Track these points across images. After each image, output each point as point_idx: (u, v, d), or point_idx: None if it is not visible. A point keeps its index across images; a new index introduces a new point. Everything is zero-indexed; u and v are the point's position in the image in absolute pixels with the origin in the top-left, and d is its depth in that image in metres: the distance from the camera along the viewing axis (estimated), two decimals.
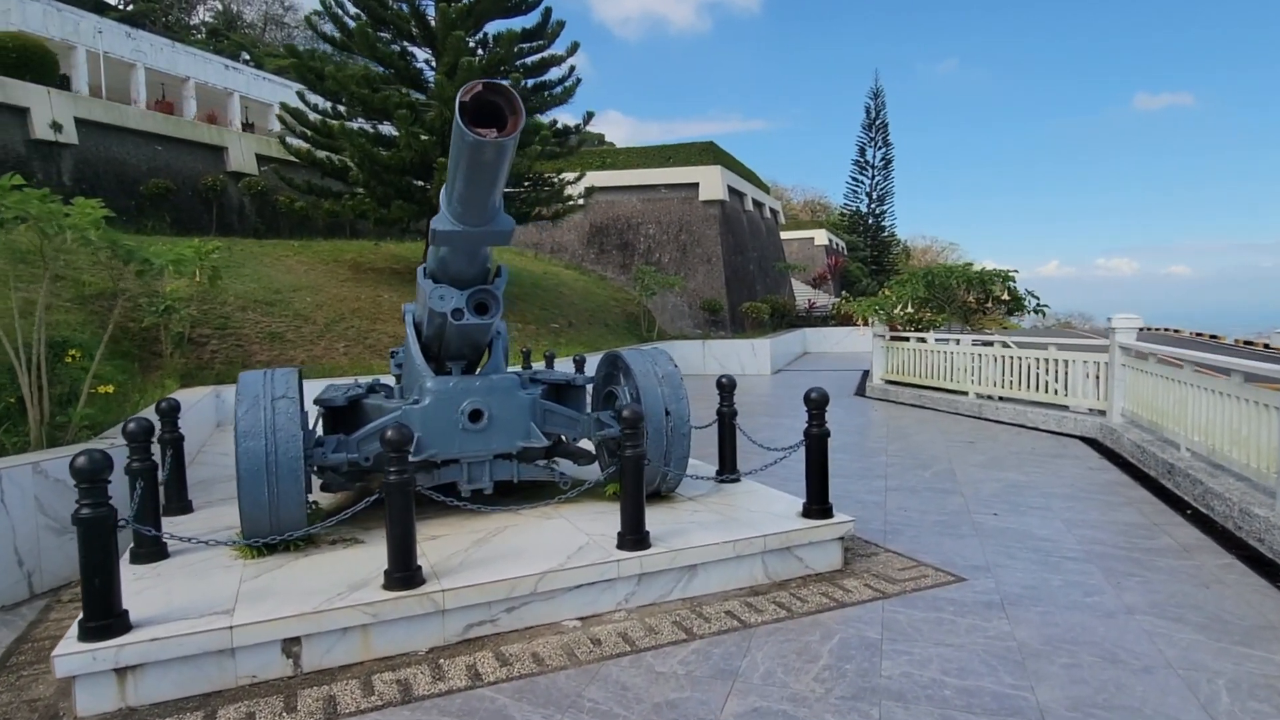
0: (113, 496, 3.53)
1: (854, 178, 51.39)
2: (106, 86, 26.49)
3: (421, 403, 5.03)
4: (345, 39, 14.15)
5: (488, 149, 3.49)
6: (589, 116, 15.28)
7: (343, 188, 15.34)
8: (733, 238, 25.52)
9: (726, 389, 6.09)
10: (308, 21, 16.20)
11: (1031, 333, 32.94)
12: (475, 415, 5.01)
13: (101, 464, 3.44)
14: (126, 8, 40.79)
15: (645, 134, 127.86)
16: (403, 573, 3.91)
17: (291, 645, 3.67)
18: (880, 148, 50.51)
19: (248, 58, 38.99)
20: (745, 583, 4.68)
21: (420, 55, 15.02)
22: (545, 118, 15.94)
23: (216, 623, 3.56)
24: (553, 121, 16.07)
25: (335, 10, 14.24)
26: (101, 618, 3.42)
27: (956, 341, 12.45)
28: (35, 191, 5.23)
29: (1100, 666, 3.57)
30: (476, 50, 14.78)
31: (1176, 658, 3.65)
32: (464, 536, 4.81)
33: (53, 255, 5.65)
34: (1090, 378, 10.01)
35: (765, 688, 3.45)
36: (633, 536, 4.44)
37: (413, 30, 14.58)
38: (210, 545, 4.16)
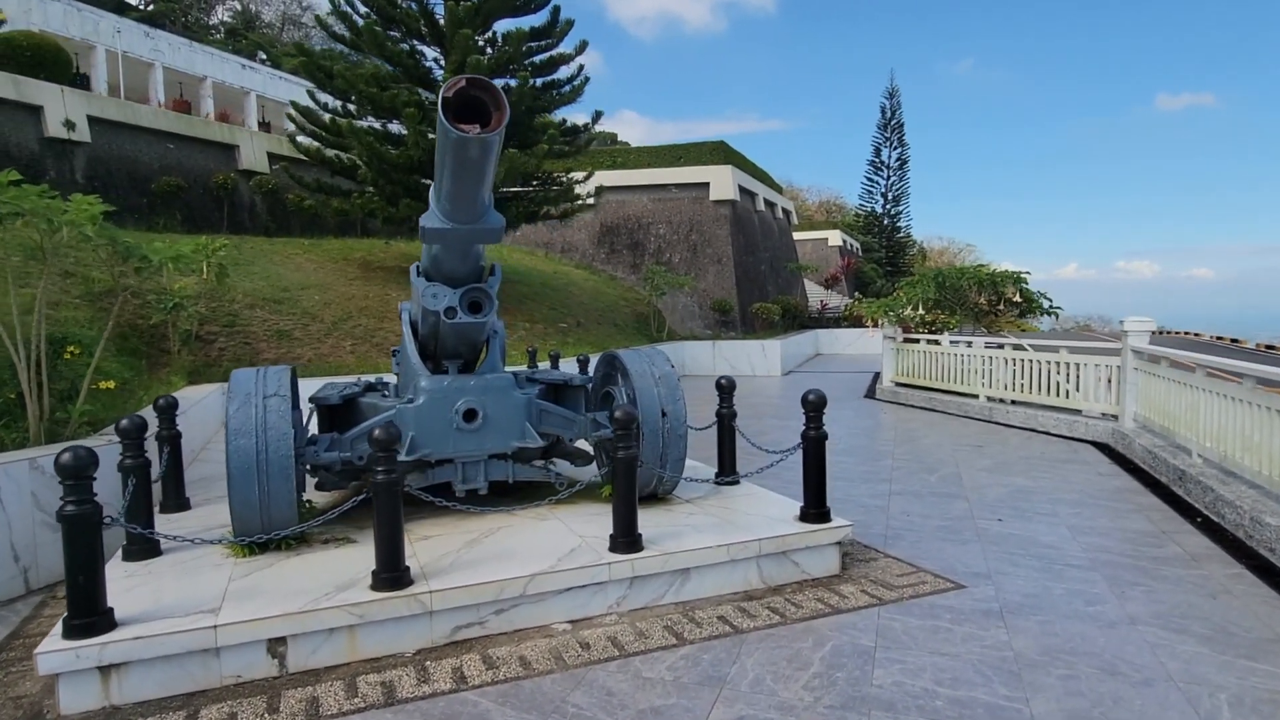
0: (98, 494, 3.53)
1: (869, 178, 51.19)
2: (125, 85, 26.79)
3: (416, 402, 5.00)
4: (355, 38, 14.19)
5: (472, 146, 3.45)
6: (597, 115, 15.25)
7: (352, 186, 15.39)
8: (744, 238, 25.41)
9: (726, 390, 6.02)
10: (318, 21, 16.26)
11: (1050, 335, 32.55)
12: (469, 415, 4.97)
13: (86, 461, 3.43)
14: (147, 8, 41.18)
15: (660, 134, 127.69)
16: (390, 573, 3.88)
17: (277, 645, 3.65)
18: (896, 148, 50.28)
19: (264, 57, 39.26)
20: (740, 587, 4.61)
21: (429, 54, 15.05)
22: (554, 117, 15.92)
23: (201, 622, 3.54)
24: (562, 120, 16.05)
25: (345, 9, 14.29)
26: (85, 615, 3.41)
27: (968, 344, 12.31)
28: (33, 188, 5.24)
29: (1098, 678, 3.47)
30: (485, 49, 14.78)
31: (1178, 670, 3.54)
32: (456, 537, 4.77)
33: (52, 251, 5.66)
34: (1102, 381, 9.85)
35: (753, 695, 3.38)
36: (625, 539, 4.38)
37: (422, 29, 14.61)
38: (196, 544, 4.14)
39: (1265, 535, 5.10)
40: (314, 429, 5.47)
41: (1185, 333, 36.37)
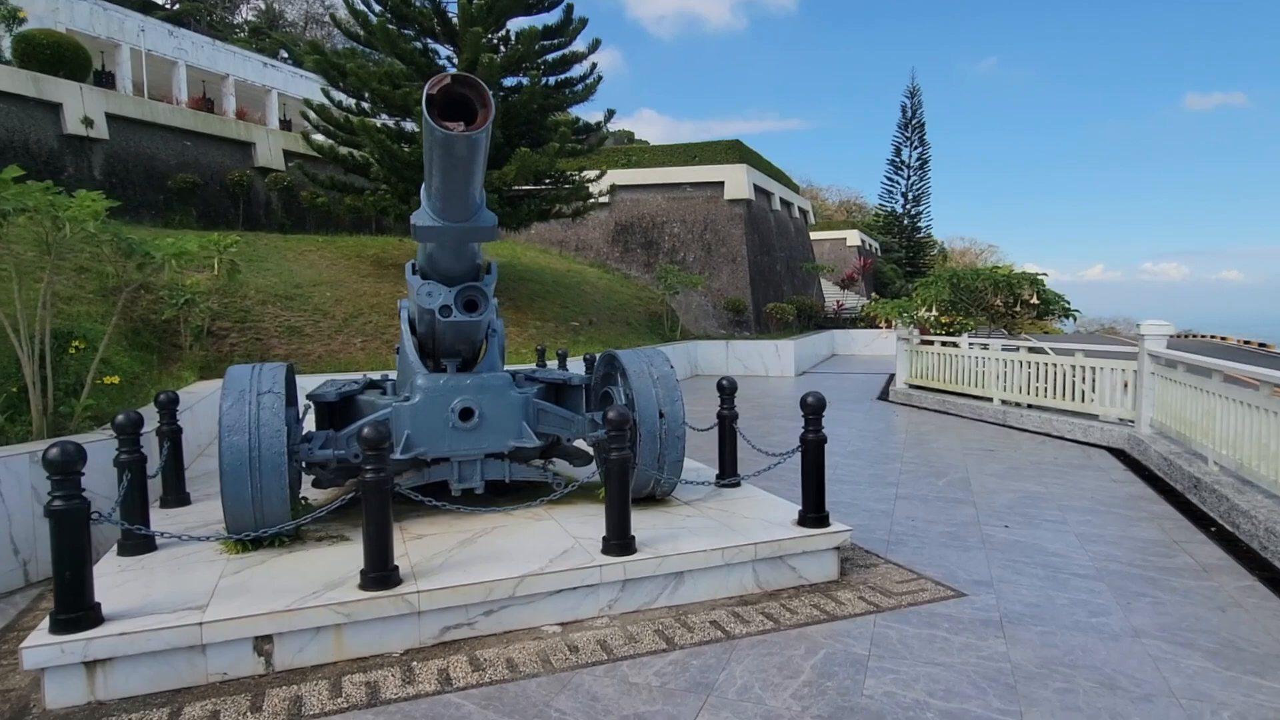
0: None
1: (889, 178, 50.79)
2: (149, 83, 27.14)
3: (412, 400, 4.98)
4: (368, 36, 14.24)
5: (459, 144, 3.41)
6: (610, 114, 15.19)
7: (365, 184, 15.46)
8: (758, 237, 25.26)
9: (727, 391, 5.96)
10: (333, 19, 16.34)
11: (1073, 338, 32.06)
12: (465, 414, 4.95)
13: (74, 456, 3.43)
14: (173, 7, 41.66)
15: (679, 133, 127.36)
16: (378, 572, 3.86)
17: (263, 643, 3.63)
18: (916, 147, 49.85)
19: (285, 55, 39.60)
20: (735, 591, 4.54)
21: (443, 52, 15.08)
22: (567, 115, 15.88)
23: (187, 618, 3.53)
24: (575, 119, 16.01)
25: (360, 8, 14.35)
26: (72, 610, 3.41)
27: (984, 346, 12.14)
28: (38, 184, 5.28)
29: (1097, 693, 3.37)
30: (499, 47, 14.78)
31: (1181, 686, 3.43)
32: (450, 536, 4.75)
33: (58, 247, 5.70)
34: (1119, 386, 9.66)
35: (740, 704, 3.32)
36: (617, 541, 4.33)
37: (435, 27, 14.63)
38: (183, 540, 4.14)
39: None
40: (313, 426, 5.47)
41: (1212, 336, 35.69)
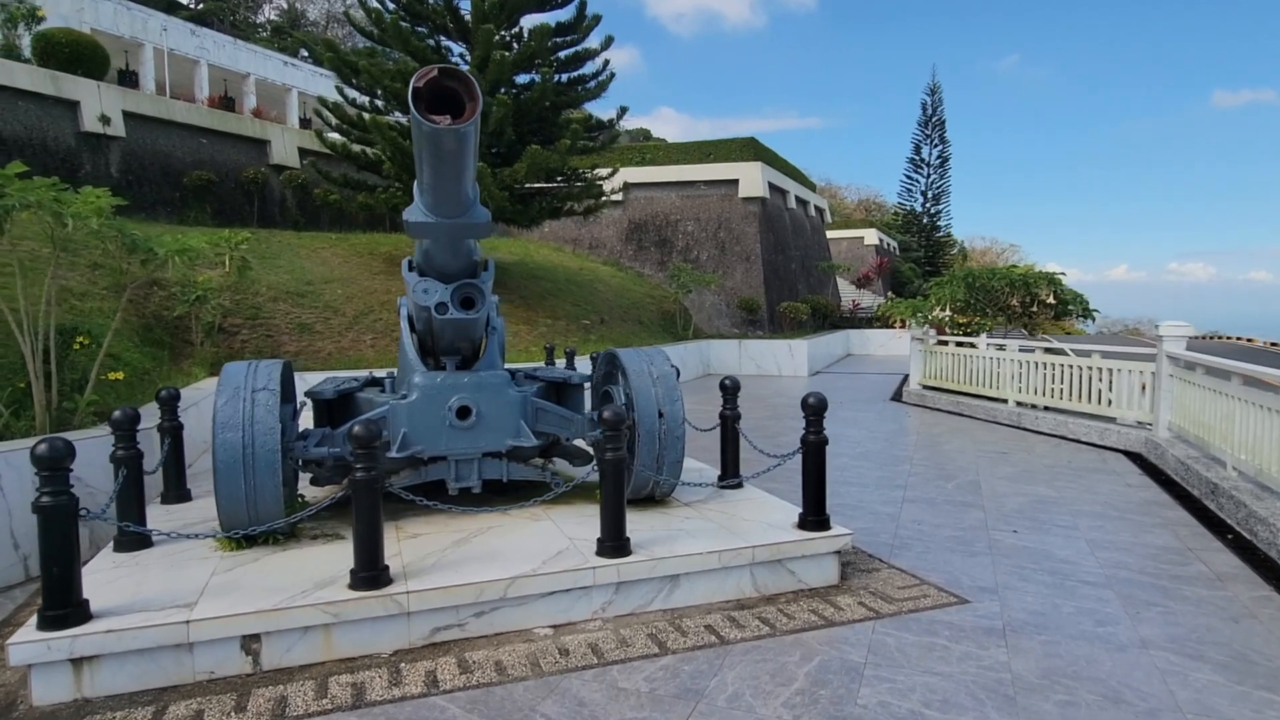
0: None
1: (908, 176, 50.24)
2: (172, 82, 27.45)
3: (409, 398, 4.94)
4: (381, 33, 14.28)
5: (447, 138, 3.36)
6: (622, 111, 15.12)
7: (378, 181, 15.50)
8: (773, 236, 25.09)
9: (730, 391, 5.87)
10: (348, 17, 16.41)
11: (1095, 339, 31.57)
12: (463, 412, 4.91)
13: (62, 452, 3.43)
14: (197, 6, 42.09)
15: (697, 131, 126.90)
16: (368, 572, 3.82)
17: (251, 642, 3.61)
18: (936, 145, 49.28)
19: (305, 54, 39.90)
20: (732, 595, 4.46)
21: (455, 49, 15.08)
22: (580, 112, 15.83)
23: (174, 616, 3.51)
24: (588, 116, 15.96)
25: (374, 5, 14.38)
26: (59, 607, 3.41)
27: (1001, 347, 11.95)
28: (44, 180, 5.30)
29: (1099, 706, 3.26)
30: (511, 44, 14.76)
31: (1188, 700, 3.31)
32: (445, 536, 4.71)
33: (64, 243, 5.72)
34: (1136, 388, 9.46)
35: (729, 711, 3.24)
36: (612, 543, 4.27)
37: (448, 25, 14.64)
38: (174, 538, 4.13)
39: None
40: (304, 424, 5.45)
41: (1237, 338, 35.00)
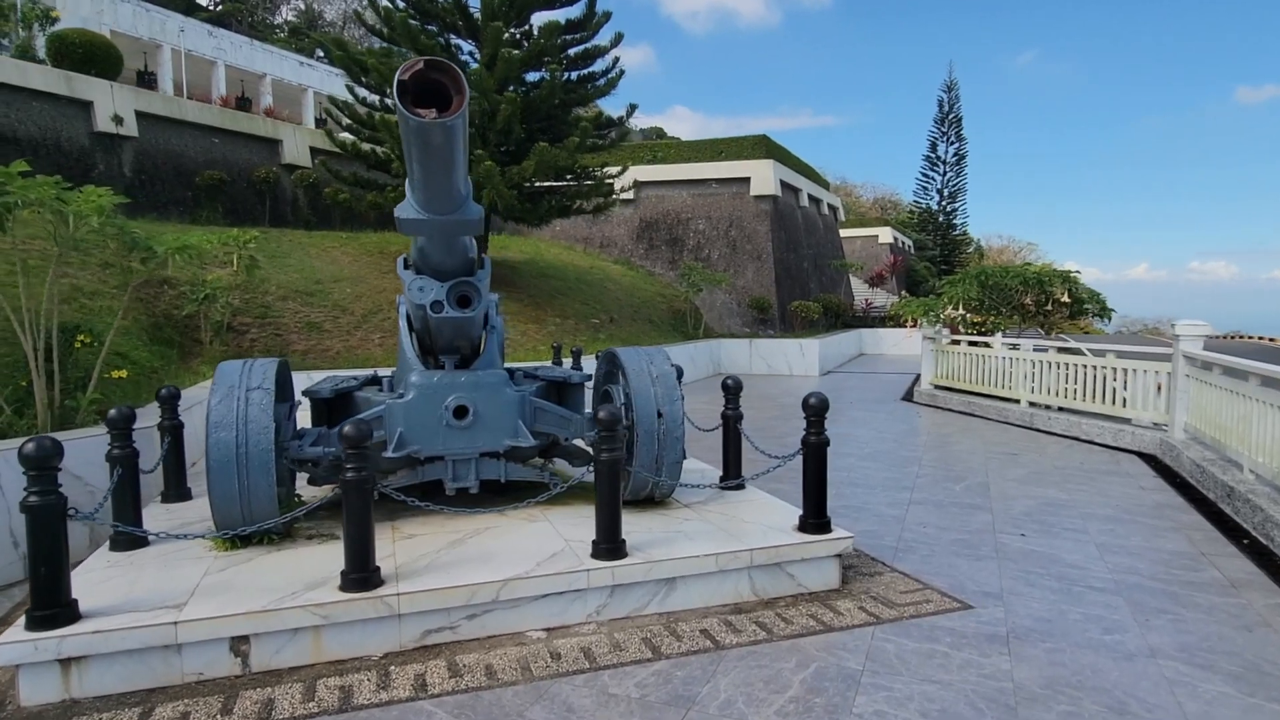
0: (62, 485, 3.49)
1: (924, 174, 49.87)
2: (189, 83, 27.69)
3: (406, 397, 4.90)
4: (390, 31, 14.28)
5: (434, 132, 3.31)
6: (632, 109, 15.05)
7: (387, 180, 15.52)
8: (785, 234, 24.93)
9: (732, 391, 5.80)
10: (358, 17, 16.45)
11: (1114, 338, 31.14)
12: (460, 412, 4.86)
13: (50, 451, 3.41)
14: (216, 8, 42.45)
15: (711, 129, 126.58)
16: (358, 574, 3.78)
17: (240, 644, 3.58)
18: (953, 143, 48.86)
19: (321, 54, 40.12)
20: (730, 599, 4.39)
21: (465, 47, 15.07)
22: (590, 109, 15.78)
23: (163, 617, 3.49)
24: (598, 114, 15.90)
25: (384, 3, 14.39)
26: (48, 607, 3.39)
27: (1014, 346, 11.78)
28: (46, 179, 5.31)
29: (1104, 717, 3.16)
30: (520, 42, 14.72)
31: (1197, 713, 3.20)
32: (441, 537, 4.66)
33: (67, 241, 5.74)
34: (1152, 388, 9.28)
35: (720, 719, 3.17)
36: (607, 545, 4.20)
37: (457, 23, 14.63)
38: (163, 537, 4.11)
39: None
40: (300, 423, 5.43)
41: (1259, 338, 34.42)
